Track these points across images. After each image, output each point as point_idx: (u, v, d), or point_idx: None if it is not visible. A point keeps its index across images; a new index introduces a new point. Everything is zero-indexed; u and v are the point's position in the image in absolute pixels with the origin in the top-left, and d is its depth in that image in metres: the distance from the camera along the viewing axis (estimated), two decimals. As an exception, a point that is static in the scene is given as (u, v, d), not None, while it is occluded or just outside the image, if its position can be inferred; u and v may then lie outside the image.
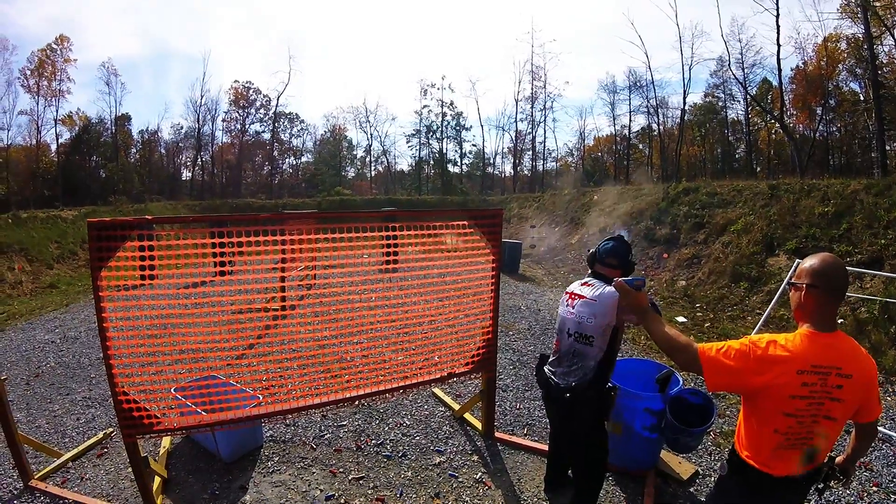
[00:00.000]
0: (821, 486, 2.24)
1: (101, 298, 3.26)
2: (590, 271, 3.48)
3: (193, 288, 4.25)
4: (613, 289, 2.67)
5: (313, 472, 4.32)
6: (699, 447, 4.59)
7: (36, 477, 4.18)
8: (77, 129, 41.70)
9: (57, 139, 40.20)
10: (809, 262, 2.11)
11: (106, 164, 42.05)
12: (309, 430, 5.01)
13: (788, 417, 2.01)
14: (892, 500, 4.02)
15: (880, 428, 5.02)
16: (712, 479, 4.25)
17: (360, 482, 4.18)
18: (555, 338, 3.50)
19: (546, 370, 3.52)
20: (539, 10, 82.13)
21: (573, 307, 3.31)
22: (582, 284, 3.38)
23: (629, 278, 2.52)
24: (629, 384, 4.17)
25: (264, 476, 4.27)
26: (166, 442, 4.67)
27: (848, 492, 4.06)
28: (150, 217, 3.42)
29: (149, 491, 3.67)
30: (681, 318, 9.56)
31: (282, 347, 4.39)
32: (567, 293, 3.44)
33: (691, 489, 4.14)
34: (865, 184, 10.77)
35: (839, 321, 7.94)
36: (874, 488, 4.16)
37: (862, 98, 31.44)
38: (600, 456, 3.47)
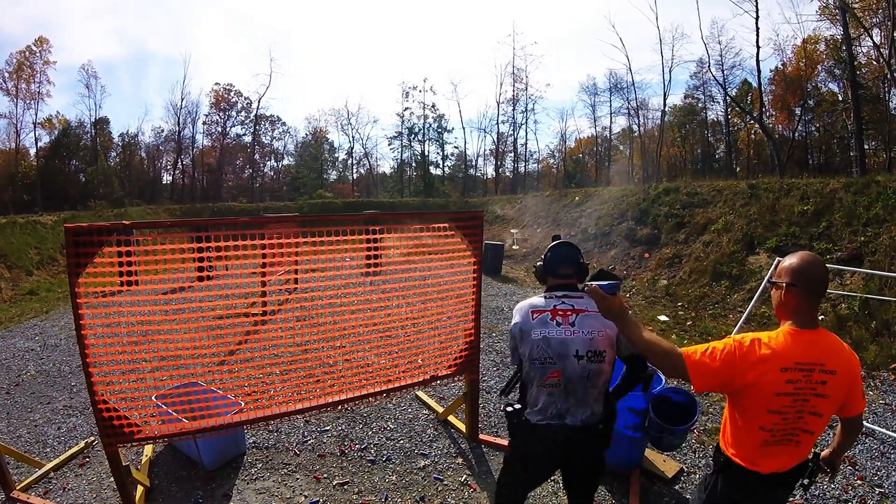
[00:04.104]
0: (806, 481, 2.25)
1: (80, 305, 3.21)
2: (554, 284, 2.89)
3: (173, 294, 4.21)
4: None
5: (297, 479, 4.28)
6: (683, 445, 4.63)
7: (18, 488, 4.11)
8: (56, 132, 41.24)
9: (36, 143, 39.78)
10: (789, 260, 2.11)
11: (86, 169, 41.62)
12: (292, 436, 4.96)
13: (774, 415, 2.02)
14: (877, 493, 4.07)
15: (864, 423, 5.09)
16: (697, 476, 4.29)
17: (345, 487, 4.16)
18: (548, 370, 2.65)
19: (535, 417, 2.70)
20: (520, 12, 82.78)
21: (572, 324, 2.66)
22: (562, 298, 2.77)
23: (604, 283, 2.24)
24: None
25: (248, 483, 4.22)
26: (148, 450, 4.60)
27: (833, 486, 4.12)
28: (127, 222, 3.37)
29: (132, 500, 3.62)
30: (663, 317, 9.64)
31: (263, 353, 4.36)
32: (545, 311, 2.72)
33: (676, 487, 4.17)
34: (844, 182, 10.94)
35: (820, 318, 8.05)
36: (858, 482, 4.22)
37: (840, 98, 32.01)
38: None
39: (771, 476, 2.11)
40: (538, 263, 3.01)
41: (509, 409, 2.83)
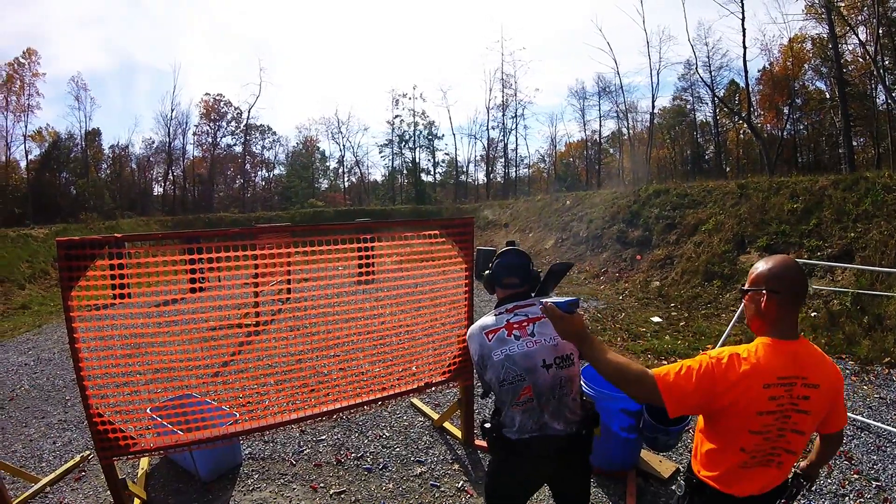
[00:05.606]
0: (783, 501, 2.08)
1: (73, 319, 3.21)
2: (502, 296, 2.89)
3: (166, 306, 4.21)
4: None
5: (294, 489, 4.27)
6: (679, 445, 4.64)
7: (14, 503, 4.08)
8: (47, 145, 41.08)
9: (26, 156, 39.73)
10: (764, 266, 1.95)
11: (76, 181, 41.46)
12: (288, 446, 4.96)
13: (755, 435, 1.86)
14: (874, 486, 4.10)
15: (859, 416, 5.17)
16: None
17: (342, 496, 4.15)
18: (519, 388, 2.51)
19: (515, 435, 2.55)
20: (508, 18, 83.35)
21: (531, 334, 2.55)
22: (513, 311, 2.68)
23: (561, 301, 2.10)
24: (604, 386, 4.20)
25: (244, 494, 4.21)
26: (144, 463, 4.59)
27: (829, 480, 4.15)
28: (119, 235, 3.37)
29: (127, 514, 3.61)
30: (656, 318, 9.68)
31: (258, 363, 4.35)
32: (500, 328, 2.60)
33: (672, 487, 4.18)
34: (833, 179, 11.02)
35: (813, 314, 8.10)
36: (855, 476, 4.24)
37: (828, 96, 32.38)
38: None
39: (747, 499, 1.95)
40: (486, 272, 2.92)
41: (486, 425, 2.71)
